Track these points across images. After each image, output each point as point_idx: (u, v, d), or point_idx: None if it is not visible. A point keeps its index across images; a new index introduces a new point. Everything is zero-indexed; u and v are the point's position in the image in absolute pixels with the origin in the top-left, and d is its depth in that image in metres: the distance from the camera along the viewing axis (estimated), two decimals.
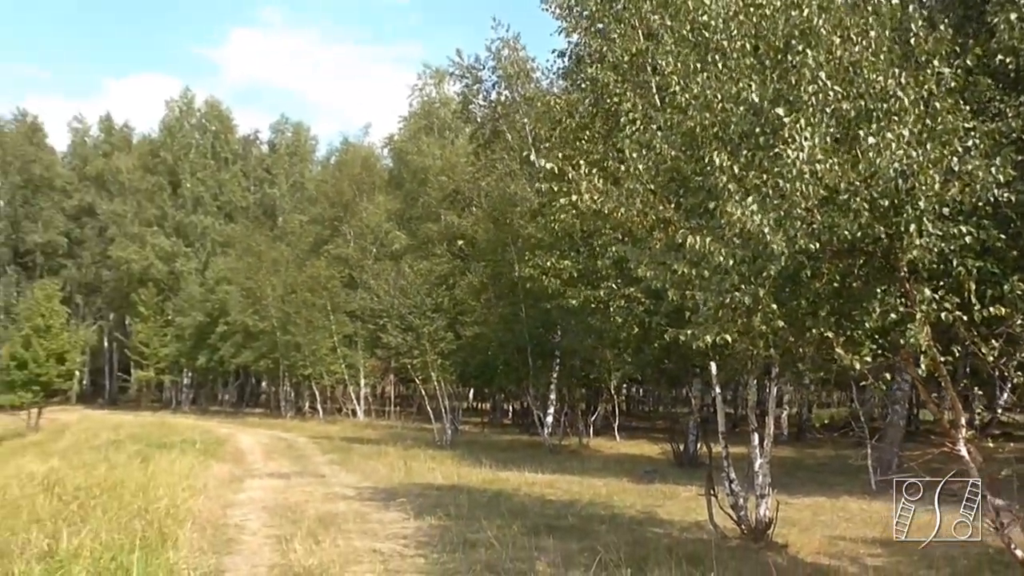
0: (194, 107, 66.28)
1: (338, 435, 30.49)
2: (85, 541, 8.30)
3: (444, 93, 55.47)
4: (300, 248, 49.10)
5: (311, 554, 8.71)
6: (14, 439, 31.62)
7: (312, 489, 14.68)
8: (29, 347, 36.45)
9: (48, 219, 66.56)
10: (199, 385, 62.79)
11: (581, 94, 15.12)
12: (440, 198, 41.91)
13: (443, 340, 28.27)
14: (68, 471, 14.70)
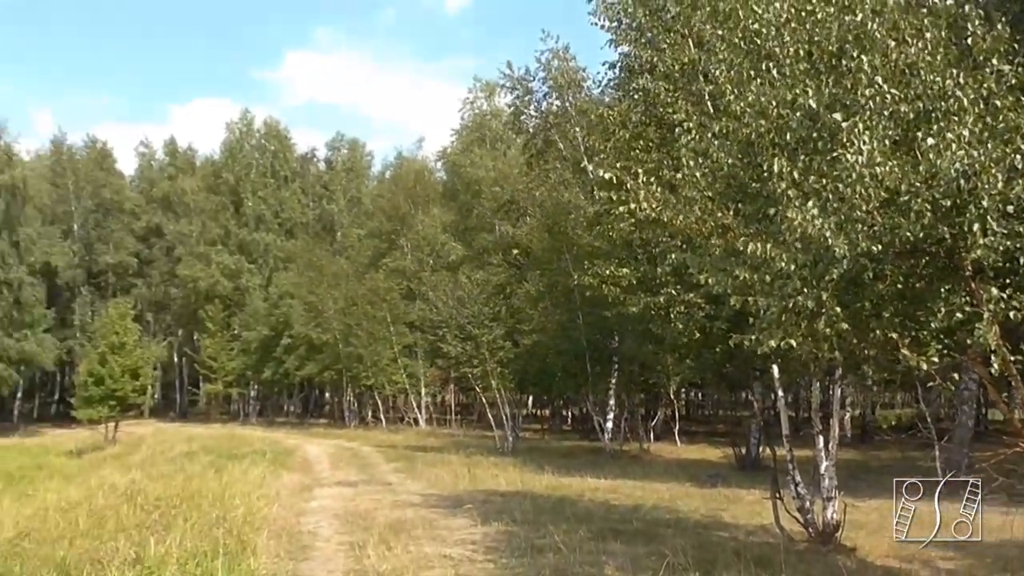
0: (253, 128, 67.71)
1: (401, 444, 30.86)
2: (171, 549, 8.66)
3: (495, 105, 55.83)
4: (359, 261, 49.80)
5: (384, 560, 8.94)
6: (94, 452, 32.64)
7: (380, 497, 14.93)
8: (105, 364, 37.47)
9: (119, 241, 68.34)
10: (265, 397, 63.88)
11: (632, 104, 15.16)
12: (494, 209, 42.21)
13: (502, 349, 28.49)
14: (147, 482, 15.22)
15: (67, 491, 15.15)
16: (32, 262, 58.17)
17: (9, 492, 17.48)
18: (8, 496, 15.98)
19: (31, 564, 8.40)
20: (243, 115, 68.08)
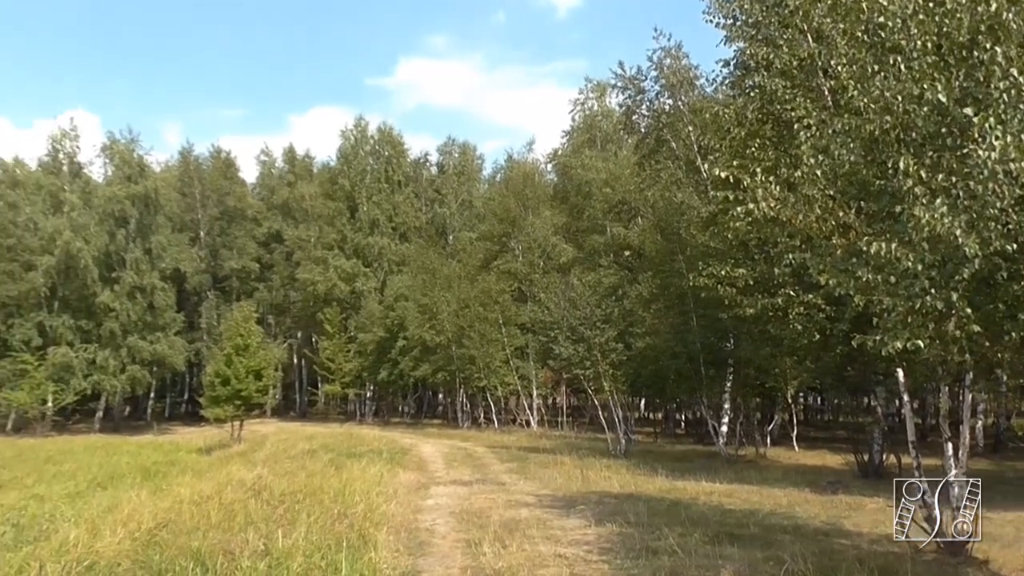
0: (368, 135, 69.16)
1: (514, 445, 31.07)
2: (297, 541, 9.02)
3: (606, 106, 55.71)
4: (471, 264, 50.31)
5: (499, 557, 9.07)
6: (221, 449, 33.95)
7: (494, 496, 15.08)
8: (231, 365, 38.85)
9: (242, 246, 70.82)
10: (381, 398, 65.16)
11: (748, 101, 14.90)
12: (605, 210, 42.11)
13: (614, 351, 28.34)
14: (272, 478, 15.77)
15: (199, 486, 15.74)
16: (163, 268, 61.09)
17: (146, 486, 18.33)
18: (145, 489, 16.76)
19: (169, 553, 8.81)
20: (357, 122, 69.73)
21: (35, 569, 7.98)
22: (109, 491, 18.77)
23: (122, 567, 8.25)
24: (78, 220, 57.24)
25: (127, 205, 58.56)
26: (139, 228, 59.67)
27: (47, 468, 25.82)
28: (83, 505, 15.21)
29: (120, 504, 13.47)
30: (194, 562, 8.33)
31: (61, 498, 18.01)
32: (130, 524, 10.66)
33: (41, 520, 12.97)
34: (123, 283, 57.45)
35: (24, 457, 29.77)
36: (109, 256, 58.42)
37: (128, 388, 59.36)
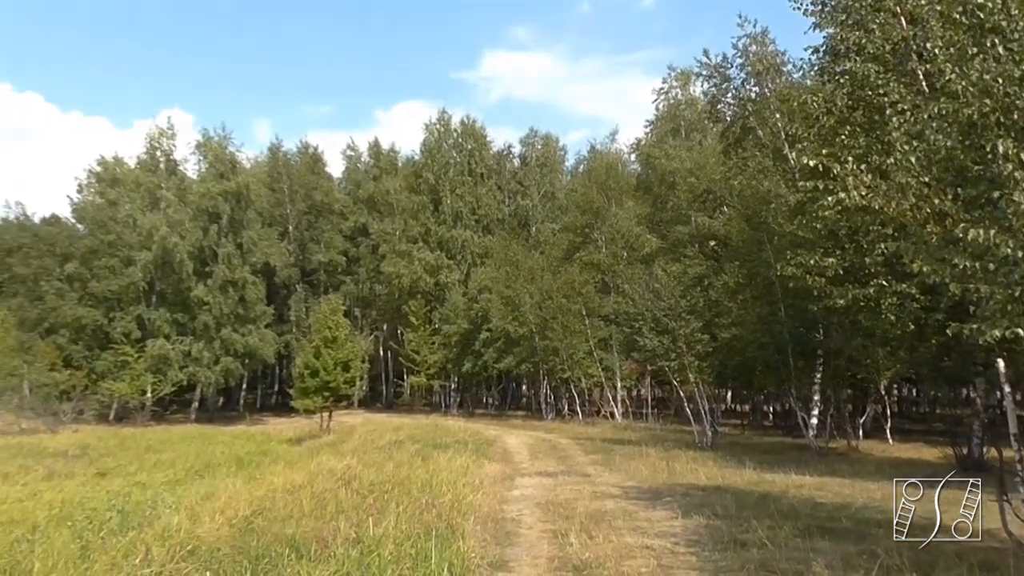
0: (451, 128, 69.67)
1: (598, 436, 30.97)
2: (387, 530, 9.19)
3: (690, 94, 55.01)
4: (554, 256, 50.32)
5: (586, 548, 9.09)
6: (311, 440, 34.75)
7: (579, 487, 15.08)
8: (319, 357, 39.70)
9: (329, 240, 72.13)
10: (465, 389, 65.73)
11: (838, 87, 14.51)
12: (690, 200, 41.61)
13: (699, 342, 28.04)
14: (361, 468, 16.07)
15: (291, 475, 16.13)
16: (254, 262, 62.77)
17: (240, 475, 18.92)
18: (240, 478, 17.30)
19: (265, 539, 9.08)
20: (441, 115, 70.27)
21: (142, 553, 8.32)
22: (206, 479, 19.41)
23: (222, 552, 8.53)
24: (174, 216, 59.28)
25: (219, 201, 60.35)
26: (231, 223, 61.42)
27: (148, 457, 26.84)
28: (182, 492, 15.73)
29: (217, 492, 13.93)
30: (289, 548, 8.56)
31: (162, 485, 18.71)
32: (227, 511, 11.02)
33: (144, 506, 13.46)
34: (216, 277, 59.25)
35: (126, 446, 30.99)
36: (203, 251, 60.33)
37: (222, 379, 61.24)
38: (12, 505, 15.79)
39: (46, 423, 44.42)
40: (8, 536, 11.21)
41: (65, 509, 14.41)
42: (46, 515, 13.59)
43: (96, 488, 18.40)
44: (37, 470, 22.50)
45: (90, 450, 28.50)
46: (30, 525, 12.50)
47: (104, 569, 7.72)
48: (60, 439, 34.51)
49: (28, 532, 11.57)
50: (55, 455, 26.61)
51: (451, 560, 8.01)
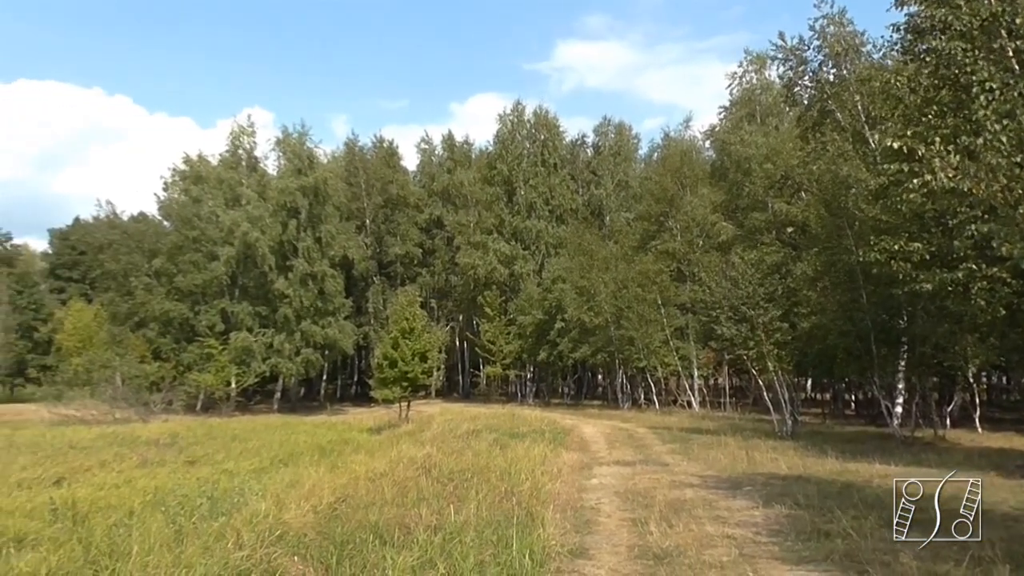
0: (524, 119, 69.67)
1: (675, 426, 30.78)
2: (468, 517, 9.33)
3: (765, 79, 53.96)
4: (628, 245, 50.02)
5: (666, 537, 9.09)
6: (390, 429, 35.23)
7: (658, 477, 15.02)
8: (397, 348, 40.17)
9: (405, 233, 72.77)
10: (541, 379, 65.85)
11: (922, 67, 14.07)
12: (766, 186, 40.92)
13: (778, 330, 27.59)
14: (441, 457, 16.29)
15: (372, 463, 16.40)
16: (332, 256, 63.86)
17: (323, 463, 19.30)
18: (323, 466, 17.67)
19: (349, 526, 9.28)
20: (515, 106, 70.26)
21: (233, 537, 8.60)
22: (290, 467, 19.83)
23: (308, 537, 8.76)
24: (254, 212, 60.63)
25: (298, 196, 61.54)
26: (309, 218, 62.58)
27: (234, 446, 27.54)
28: (268, 480, 16.12)
29: (301, 480, 14.26)
30: (373, 535, 8.74)
31: (248, 473, 19.22)
32: (312, 498, 11.29)
33: (232, 493, 13.84)
34: (296, 271, 60.47)
35: (213, 435, 31.85)
36: (283, 245, 61.60)
37: (303, 370, 62.48)
38: (109, 491, 16.42)
39: (138, 413, 46.00)
40: (107, 520, 11.69)
41: (158, 495, 14.94)
42: (141, 501, 14.13)
43: (186, 475, 19.00)
44: (131, 458, 23.31)
45: (179, 439, 29.39)
46: (127, 510, 13.02)
47: (197, 553, 8.00)
48: (151, 428, 35.68)
49: (125, 517, 12.07)
50: (147, 444, 27.52)
51: (532, 547, 8.09)
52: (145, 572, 7.47)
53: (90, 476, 19.56)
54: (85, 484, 17.94)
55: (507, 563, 7.52)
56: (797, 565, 8.01)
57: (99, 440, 28.70)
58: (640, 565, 8.12)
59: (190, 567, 7.42)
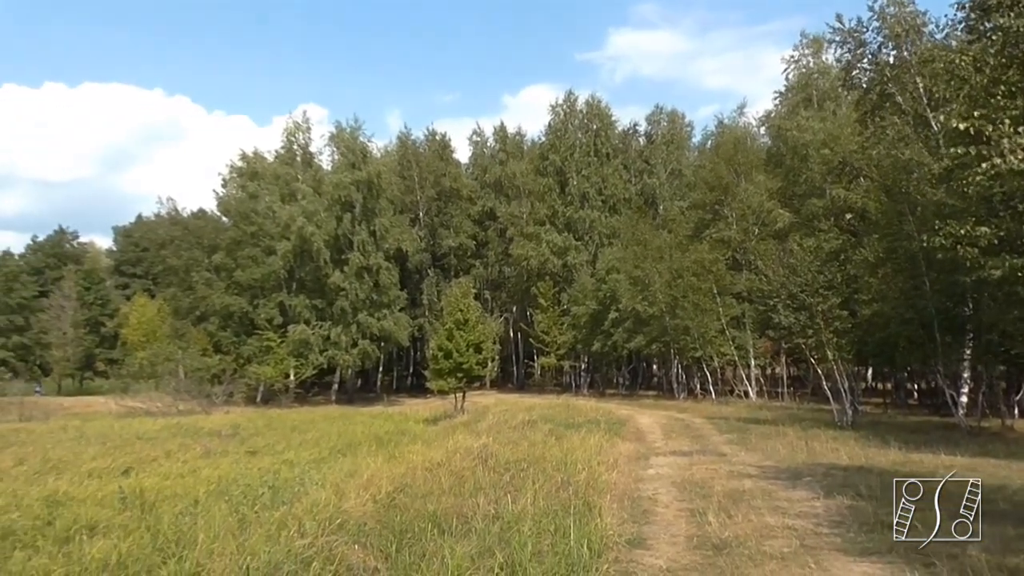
0: (576, 109, 69.41)
1: (732, 416, 30.50)
2: (525, 507, 9.35)
3: (822, 62, 52.93)
4: (682, 234, 49.62)
5: (725, 527, 9.01)
6: (446, 420, 35.52)
7: (715, 467, 14.89)
8: (452, 339, 40.35)
9: (458, 225, 73.21)
10: (595, 369, 65.73)
11: (988, 45, 13.63)
12: (824, 172, 40.12)
13: (838, 318, 27.13)
14: (496, 447, 16.35)
15: (429, 454, 16.53)
16: (387, 248, 64.44)
17: (381, 453, 19.49)
18: (380, 456, 17.85)
19: (407, 515, 9.37)
20: (567, 96, 70.11)
21: (295, 526, 8.74)
22: (348, 457, 20.03)
23: (368, 526, 8.87)
24: (309, 207, 61.40)
25: (352, 190, 62.15)
26: (364, 212, 63.18)
27: (293, 436, 27.98)
28: (327, 470, 16.31)
29: (360, 469, 14.43)
30: (431, 524, 8.82)
31: (308, 463, 19.46)
32: (371, 488, 11.41)
33: (293, 483, 14.06)
34: (351, 264, 61.12)
35: (273, 426, 32.42)
36: (338, 239, 62.31)
37: (359, 362, 63.22)
38: (175, 480, 16.79)
39: (200, 405, 47.02)
40: (173, 508, 11.96)
41: (221, 484, 15.22)
42: (205, 490, 14.40)
43: (248, 465, 19.33)
44: (195, 448, 23.82)
45: (240, 430, 29.97)
46: (192, 499, 13.30)
47: (260, 541, 8.14)
48: (213, 419, 36.46)
49: (191, 505, 12.33)
50: (210, 434, 28.10)
51: (589, 537, 8.08)
52: (211, 559, 7.62)
53: (156, 466, 20.03)
54: (152, 473, 18.37)
55: (565, 553, 7.51)
56: (860, 557, 7.88)
57: (164, 431, 29.41)
58: (699, 555, 8.07)
59: (254, 554, 7.56)
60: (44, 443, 25.22)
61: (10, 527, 11.34)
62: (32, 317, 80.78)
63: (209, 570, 7.41)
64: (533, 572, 6.93)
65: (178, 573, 7.52)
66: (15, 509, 12.89)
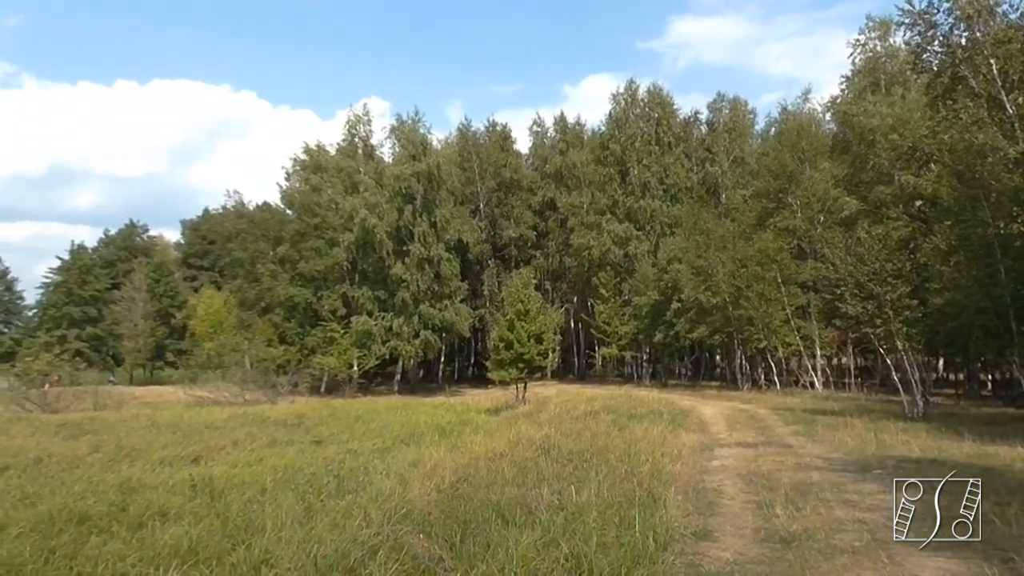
0: (638, 98, 68.82)
1: (798, 407, 30.01)
2: (589, 498, 9.32)
3: (890, 45, 51.64)
4: (745, 222, 48.92)
5: (793, 520, 8.85)
6: (507, 410, 35.49)
7: (782, 458, 14.63)
8: (513, 330, 40.40)
9: (518, 216, 73.28)
10: (657, 360, 65.33)
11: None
12: (892, 158, 39.05)
13: (908, 307, 26.50)
14: (559, 437, 16.30)
15: (491, 444, 16.50)
16: (448, 240, 64.79)
17: (443, 443, 19.58)
18: (443, 446, 17.94)
19: (471, 505, 9.38)
20: (628, 85, 69.57)
21: (360, 515, 8.83)
22: (411, 447, 20.20)
23: (432, 516, 8.91)
24: (371, 199, 62.06)
25: (413, 182, 62.61)
26: (425, 203, 63.62)
27: (357, 426, 28.27)
28: (391, 459, 16.45)
29: (423, 459, 14.51)
30: (495, 514, 8.83)
31: (371, 453, 19.67)
32: (434, 478, 11.47)
33: (357, 472, 14.22)
34: (412, 255, 61.63)
35: (337, 416, 32.80)
36: (399, 230, 62.88)
37: (421, 353, 63.80)
38: (243, 469, 17.10)
39: (266, 395, 47.88)
40: (242, 496, 12.20)
41: (288, 473, 15.48)
42: (272, 479, 14.65)
43: (313, 454, 19.60)
44: (261, 437, 24.24)
45: (305, 419, 30.39)
46: (259, 487, 13.55)
47: (327, 529, 8.25)
48: (279, 409, 37.05)
49: (258, 493, 12.57)
50: (276, 424, 28.58)
51: (655, 528, 8.01)
52: (278, 547, 7.75)
53: (224, 454, 20.42)
54: (220, 462, 18.75)
55: (630, 544, 7.45)
56: (935, 552, 7.67)
57: (231, 420, 29.99)
58: (767, 548, 7.94)
59: (321, 543, 7.65)
60: (117, 431, 25.89)
61: (86, 512, 11.67)
62: (105, 309, 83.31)
63: (277, 557, 7.53)
64: (599, 563, 6.88)
65: (247, 560, 7.65)
66: (91, 495, 13.26)
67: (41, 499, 13.02)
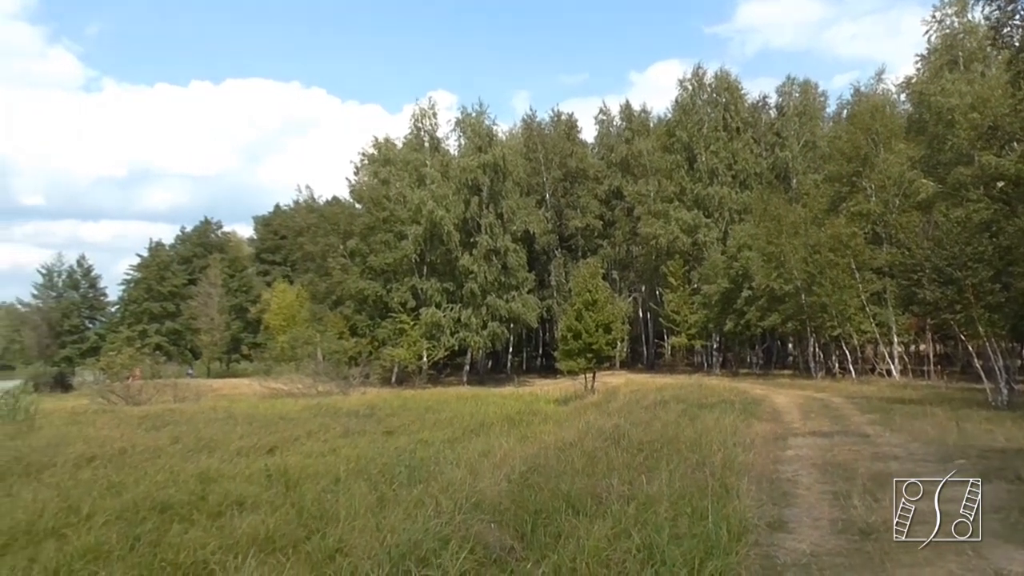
0: (705, 83, 67.84)
1: (874, 395, 29.33)
2: (661, 488, 9.22)
3: (968, 21, 49.87)
4: (817, 208, 47.81)
5: (872, 511, 8.61)
6: (576, 400, 35.49)
7: (858, 448, 14.28)
8: (580, 320, 40.37)
9: (584, 205, 72.87)
10: (727, 348, 64.51)
11: None
12: (972, 138, 37.84)
13: (990, 292, 25.63)
14: (628, 427, 16.17)
15: (560, 434, 16.53)
16: (514, 230, 64.90)
17: (513, 433, 19.67)
18: (512, 436, 18.00)
19: (542, 495, 9.35)
20: (695, 71, 68.53)
21: (431, 505, 8.90)
22: (481, 437, 20.30)
23: (503, 505, 8.92)
24: (438, 191, 62.47)
25: (479, 174, 62.83)
26: (491, 194, 63.79)
27: (427, 416, 28.56)
28: (461, 449, 16.56)
29: (493, 449, 14.60)
30: (565, 504, 8.79)
31: (442, 443, 19.81)
32: (504, 467, 11.50)
33: (428, 462, 14.35)
34: (480, 247, 61.89)
35: (407, 406, 33.16)
36: (466, 222, 63.20)
37: (489, 343, 64.10)
38: (317, 459, 17.41)
39: (338, 386, 48.66)
40: (316, 486, 12.43)
41: (360, 463, 15.71)
42: (345, 468, 14.88)
43: (385, 445, 19.86)
44: (334, 428, 24.65)
45: (377, 410, 30.80)
46: (333, 477, 13.78)
47: (400, 519, 8.33)
48: (351, 400, 37.63)
49: (332, 483, 12.79)
50: (348, 415, 29.02)
51: (728, 519, 7.89)
52: (352, 535, 7.85)
53: (299, 445, 20.84)
54: (295, 452, 19.14)
55: (703, 535, 7.35)
56: (1023, 545, 7.41)
57: (305, 412, 30.56)
58: (844, 540, 7.76)
59: (393, 532, 7.73)
60: (196, 423, 26.60)
61: (168, 501, 12.03)
62: (182, 304, 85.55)
63: (351, 546, 7.63)
64: (671, 554, 6.80)
65: (321, 548, 7.78)
66: (172, 485, 13.67)
67: (125, 488, 13.47)
